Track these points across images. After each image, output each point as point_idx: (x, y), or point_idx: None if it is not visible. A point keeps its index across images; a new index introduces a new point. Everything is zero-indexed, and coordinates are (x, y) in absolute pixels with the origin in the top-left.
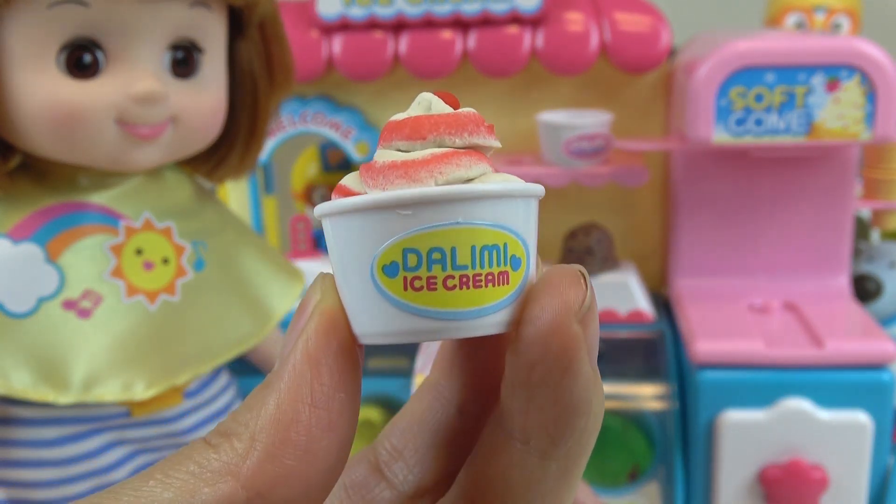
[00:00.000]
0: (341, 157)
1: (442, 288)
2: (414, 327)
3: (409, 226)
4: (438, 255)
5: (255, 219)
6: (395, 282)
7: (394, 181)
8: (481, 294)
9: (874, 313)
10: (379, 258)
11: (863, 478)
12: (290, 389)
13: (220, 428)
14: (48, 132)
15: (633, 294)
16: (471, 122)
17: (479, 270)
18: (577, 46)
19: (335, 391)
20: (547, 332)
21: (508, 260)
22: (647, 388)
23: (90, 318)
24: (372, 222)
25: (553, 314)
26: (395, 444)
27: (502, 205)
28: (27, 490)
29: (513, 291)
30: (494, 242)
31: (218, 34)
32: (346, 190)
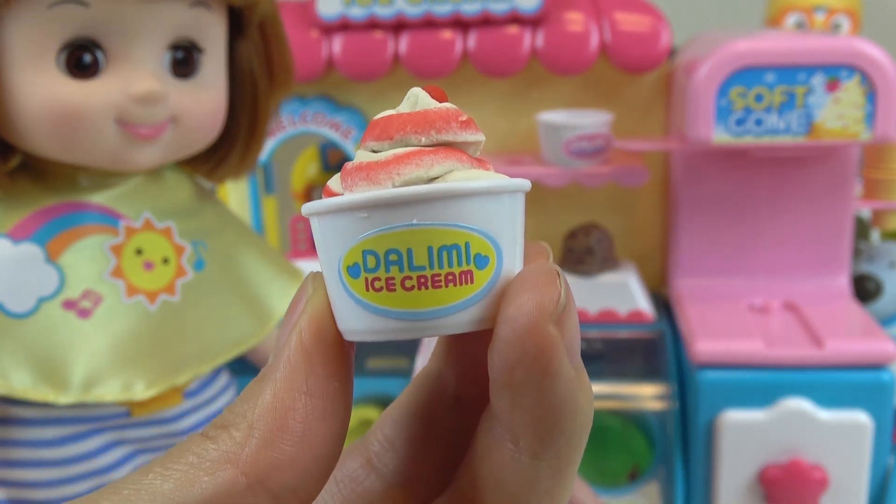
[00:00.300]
0: (341, 157)
1: (400, 289)
2: (380, 326)
3: (366, 228)
4: (395, 256)
5: (255, 219)
6: (357, 282)
7: (357, 183)
8: (441, 294)
9: (874, 313)
10: (343, 259)
11: (863, 478)
12: (285, 379)
13: (216, 421)
14: (48, 132)
15: (633, 294)
16: (439, 119)
17: (438, 271)
18: (577, 46)
19: (329, 380)
20: (522, 334)
21: (472, 259)
22: (647, 388)
23: (90, 318)
24: (336, 224)
25: (527, 316)
26: (388, 434)
27: (461, 203)
28: (27, 490)
29: (479, 290)
30: (454, 242)
31: (218, 34)
32: (329, 191)
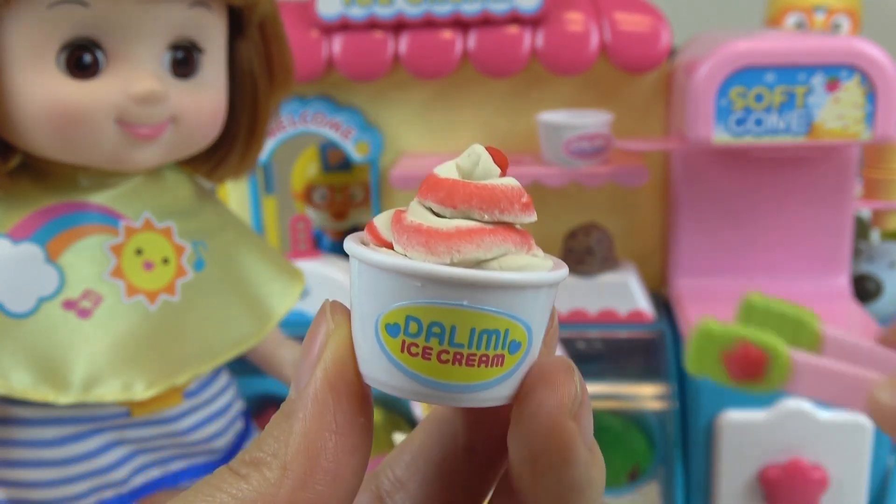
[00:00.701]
0: (341, 157)
1: (436, 360)
2: (405, 387)
3: (416, 296)
4: (438, 329)
5: (255, 219)
6: (394, 342)
7: (415, 246)
8: (473, 372)
9: (874, 313)
10: (384, 316)
11: (863, 478)
12: (314, 418)
13: (245, 458)
14: (48, 132)
15: (633, 294)
16: (504, 199)
17: (475, 351)
18: (577, 46)
19: (356, 417)
20: (544, 429)
21: (507, 345)
22: (647, 388)
23: (90, 318)
24: (384, 280)
25: (548, 413)
26: (399, 474)
27: (510, 294)
28: (27, 490)
29: (506, 372)
30: (495, 328)
31: (218, 34)
32: (376, 232)
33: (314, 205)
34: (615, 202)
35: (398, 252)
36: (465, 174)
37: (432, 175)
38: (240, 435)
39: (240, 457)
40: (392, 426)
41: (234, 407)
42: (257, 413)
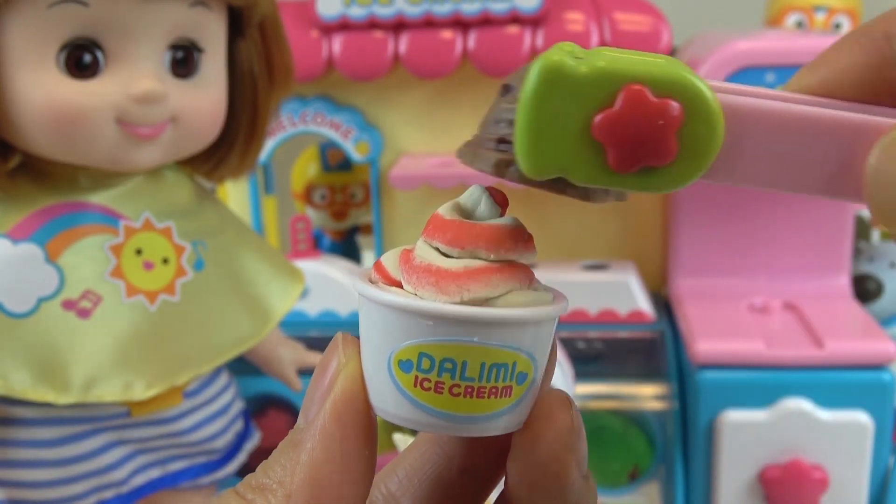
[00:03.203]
0: (341, 157)
1: (448, 393)
2: (417, 419)
3: (428, 334)
4: (450, 364)
5: (255, 219)
6: (407, 377)
7: (425, 286)
8: (483, 403)
9: (874, 313)
10: (396, 353)
11: (863, 478)
12: (321, 448)
13: (252, 483)
14: (48, 132)
15: (633, 294)
16: (509, 239)
17: (485, 384)
18: None
19: (362, 449)
20: (543, 461)
21: (514, 377)
22: (647, 388)
23: (90, 318)
24: (396, 319)
25: (547, 445)
26: (393, 490)
27: (517, 329)
28: (27, 490)
29: (513, 402)
30: (504, 361)
31: (218, 34)
32: (384, 271)
33: (314, 205)
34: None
35: (408, 291)
36: (466, 215)
37: (437, 216)
38: (239, 435)
39: (247, 481)
40: (392, 427)
41: (234, 407)
42: (257, 413)
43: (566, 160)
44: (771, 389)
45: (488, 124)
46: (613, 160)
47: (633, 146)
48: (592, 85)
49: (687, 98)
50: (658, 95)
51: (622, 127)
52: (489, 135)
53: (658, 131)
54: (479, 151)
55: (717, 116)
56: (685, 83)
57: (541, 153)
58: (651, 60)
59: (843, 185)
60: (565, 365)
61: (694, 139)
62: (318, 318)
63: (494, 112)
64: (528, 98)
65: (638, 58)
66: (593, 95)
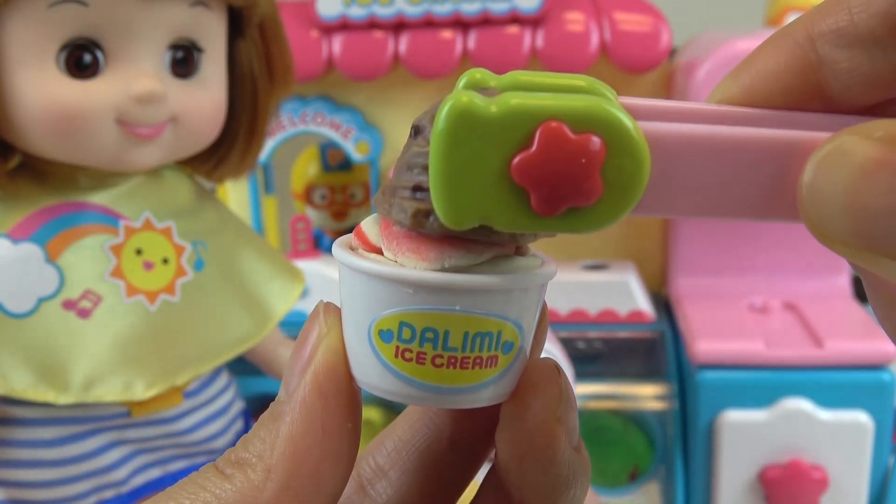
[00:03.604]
0: (341, 157)
1: (430, 364)
2: (399, 391)
3: (408, 302)
4: (431, 334)
5: (255, 219)
6: (388, 347)
7: (405, 252)
8: (467, 374)
9: None
10: (376, 323)
11: (863, 478)
12: (301, 422)
13: (231, 457)
14: (48, 132)
15: (633, 294)
16: None
17: (468, 354)
18: (577, 46)
19: (344, 422)
20: (531, 432)
21: (500, 345)
22: (647, 388)
23: (90, 318)
24: (375, 287)
25: (534, 417)
26: (381, 463)
27: (501, 296)
28: (27, 490)
29: (499, 372)
30: (488, 330)
31: (218, 34)
32: (364, 237)
33: (314, 205)
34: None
35: (388, 258)
36: None
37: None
38: (240, 435)
39: (226, 455)
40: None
41: (233, 407)
42: (257, 413)
43: (486, 207)
44: (771, 389)
45: (401, 170)
46: (536, 204)
47: (555, 188)
48: (506, 125)
49: (608, 131)
50: (577, 131)
51: (542, 168)
52: (404, 182)
53: (581, 170)
54: (395, 200)
55: (642, 148)
56: (604, 116)
57: (459, 202)
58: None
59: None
60: (565, 365)
61: (619, 174)
62: None
63: (406, 156)
64: (438, 145)
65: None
66: (508, 136)
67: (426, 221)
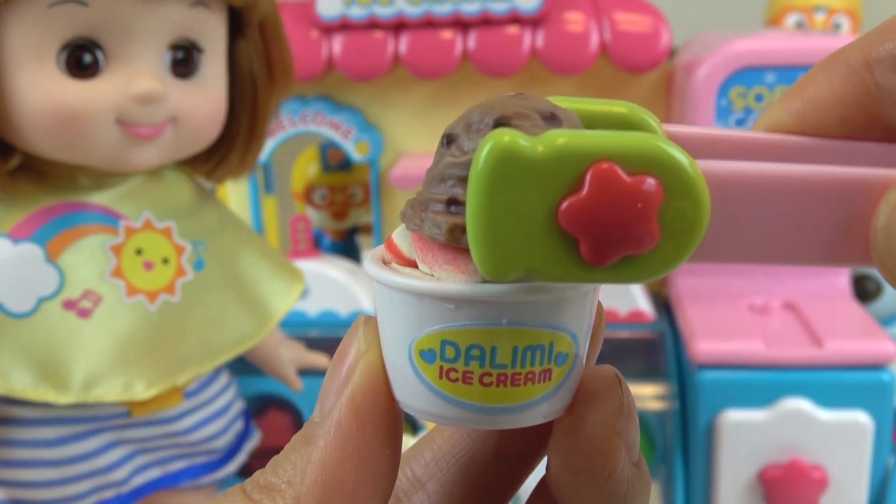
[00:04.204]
0: (341, 157)
1: (478, 383)
2: (447, 413)
3: (451, 319)
4: (477, 352)
5: (255, 219)
6: (431, 368)
7: (441, 265)
8: (519, 392)
9: (874, 313)
10: (417, 342)
11: (863, 478)
12: (336, 447)
13: (260, 481)
14: (48, 132)
15: (633, 294)
16: None
17: (520, 370)
18: (577, 46)
19: (381, 448)
20: (589, 446)
21: (553, 358)
22: (647, 388)
23: (90, 318)
24: (413, 304)
25: (593, 429)
26: (419, 474)
27: (552, 305)
28: (27, 490)
29: (554, 386)
30: (539, 343)
31: (218, 34)
32: (397, 250)
33: (314, 205)
34: None
35: (424, 272)
36: None
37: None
38: (240, 435)
39: (255, 478)
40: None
41: (234, 407)
42: (257, 413)
43: (531, 257)
44: (771, 389)
45: (433, 182)
46: (586, 252)
47: (608, 235)
48: (553, 167)
49: (665, 172)
50: (631, 173)
51: (593, 214)
52: (437, 195)
53: (636, 215)
54: (427, 214)
55: (702, 190)
56: (661, 155)
57: (500, 252)
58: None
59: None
60: None
61: (677, 219)
62: (318, 318)
63: (439, 167)
64: (478, 189)
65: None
66: (556, 179)
67: (463, 237)
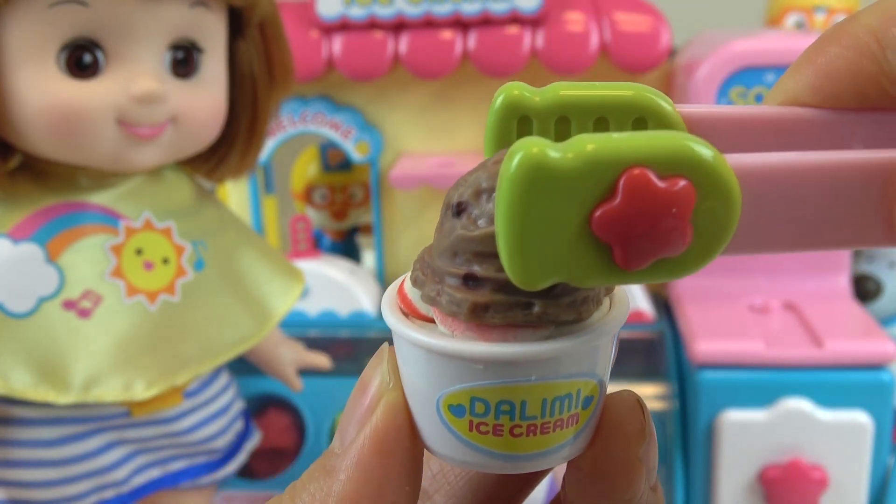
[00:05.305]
0: (341, 157)
1: (508, 435)
2: (478, 462)
3: (479, 377)
4: (507, 406)
5: (255, 219)
6: (461, 422)
7: (464, 332)
8: (548, 438)
9: (874, 313)
10: (445, 397)
11: (863, 478)
12: (357, 483)
13: None
14: (48, 132)
15: (633, 294)
16: None
17: (549, 419)
18: (577, 46)
19: (402, 485)
20: (613, 474)
21: (580, 403)
22: (647, 388)
23: (90, 318)
24: (440, 363)
25: (616, 457)
26: (426, 485)
27: (579, 356)
28: (27, 490)
29: (581, 427)
30: (567, 392)
31: (218, 34)
32: (412, 306)
33: (314, 205)
34: None
35: (443, 331)
36: None
37: None
38: (240, 435)
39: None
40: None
41: (234, 407)
42: (257, 413)
43: (565, 267)
44: (771, 389)
45: (445, 255)
46: (621, 258)
47: (643, 241)
48: (585, 176)
49: (697, 173)
50: (663, 176)
51: (628, 221)
52: (451, 269)
53: (671, 220)
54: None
55: (733, 188)
56: (692, 157)
57: (532, 263)
58: (643, 134)
59: (870, 233)
60: None
61: (710, 218)
62: (318, 318)
63: (450, 240)
64: (509, 202)
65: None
66: (587, 188)
67: (485, 315)
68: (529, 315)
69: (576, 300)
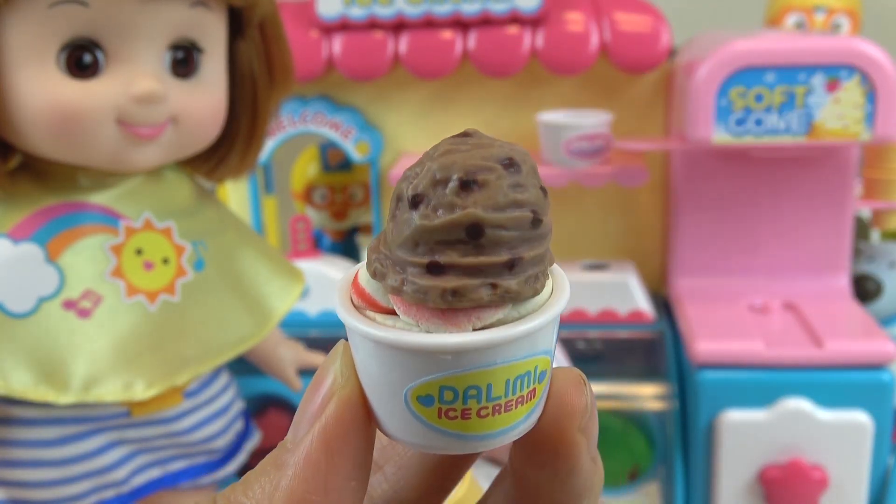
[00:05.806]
0: (341, 157)
1: (475, 417)
2: (445, 445)
3: (447, 367)
4: (475, 391)
5: (255, 219)
6: (429, 410)
7: (429, 318)
8: (511, 415)
9: (874, 313)
10: (413, 390)
11: (863, 478)
12: (304, 478)
13: (231, 497)
14: (48, 132)
15: (633, 294)
16: None
17: (511, 397)
18: (577, 46)
19: (348, 481)
20: (554, 442)
21: (537, 378)
22: (647, 388)
23: (90, 318)
24: (407, 358)
25: (559, 427)
26: (376, 457)
27: (535, 335)
28: (27, 490)
29: (538, 401)
30: (527, 370)
31: (218, 34)
32: (370, 298)
33: (314, 205)
34: (615, 202)
35: (407, 322)
36: None
37: None
38: (239, 435)
39: (227, 494)
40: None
41: (234, 407)
42: (257, 413)
43: None
44: (771, 389)
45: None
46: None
47: None
48: None
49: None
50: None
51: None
52: (414, 259)
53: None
54: (406, 277)
55: None
56: None
57: None
58: None
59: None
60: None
61: None
62: (318, 318)
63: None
64: None
65: None
66: None
67: (452, 299)
68: (493, 295)
69: (529, 276)
